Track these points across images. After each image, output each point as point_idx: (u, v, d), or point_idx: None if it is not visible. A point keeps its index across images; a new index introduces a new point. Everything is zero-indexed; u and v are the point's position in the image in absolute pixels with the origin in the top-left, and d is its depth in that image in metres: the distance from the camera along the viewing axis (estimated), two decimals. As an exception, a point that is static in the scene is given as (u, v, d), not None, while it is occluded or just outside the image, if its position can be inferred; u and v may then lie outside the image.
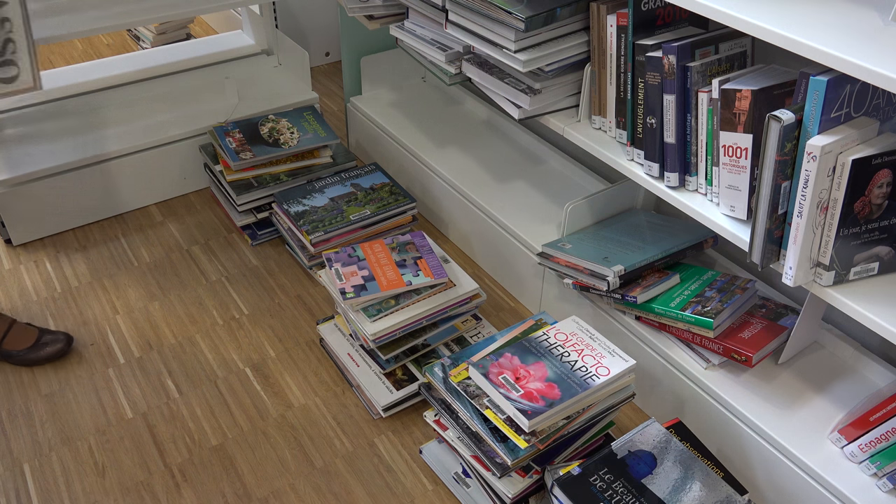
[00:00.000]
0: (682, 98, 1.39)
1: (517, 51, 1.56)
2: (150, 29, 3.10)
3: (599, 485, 1.31)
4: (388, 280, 1.69)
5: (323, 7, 3.00)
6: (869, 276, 1.27)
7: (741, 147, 1.32)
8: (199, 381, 1.77)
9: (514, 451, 1.36)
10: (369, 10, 1.97)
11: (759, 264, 1.29)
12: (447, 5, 1.71)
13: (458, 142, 2.29)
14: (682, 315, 1.53)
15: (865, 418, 1.35)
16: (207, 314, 1.95)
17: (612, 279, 1.59)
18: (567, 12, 1.56)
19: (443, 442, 1.57)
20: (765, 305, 1.62)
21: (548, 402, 1.34)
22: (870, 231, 1.23)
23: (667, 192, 1.48)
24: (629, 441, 1.39)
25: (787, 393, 1.50)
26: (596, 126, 1.65)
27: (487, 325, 1.80)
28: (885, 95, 1.23)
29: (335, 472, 1.58)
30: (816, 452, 1.39)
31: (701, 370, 1.55)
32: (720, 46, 1.40)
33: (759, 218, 1.26)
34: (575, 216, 1.81)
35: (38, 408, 1.70)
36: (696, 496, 1.30)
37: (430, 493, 1.55)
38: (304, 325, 1.93)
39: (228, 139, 2.15)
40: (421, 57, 1.88)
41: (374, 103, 2.48)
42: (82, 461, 1.59)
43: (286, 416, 1.69)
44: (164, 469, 1.58)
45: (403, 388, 1.68)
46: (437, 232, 2.26)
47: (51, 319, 1.92)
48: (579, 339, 1.47)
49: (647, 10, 1.45)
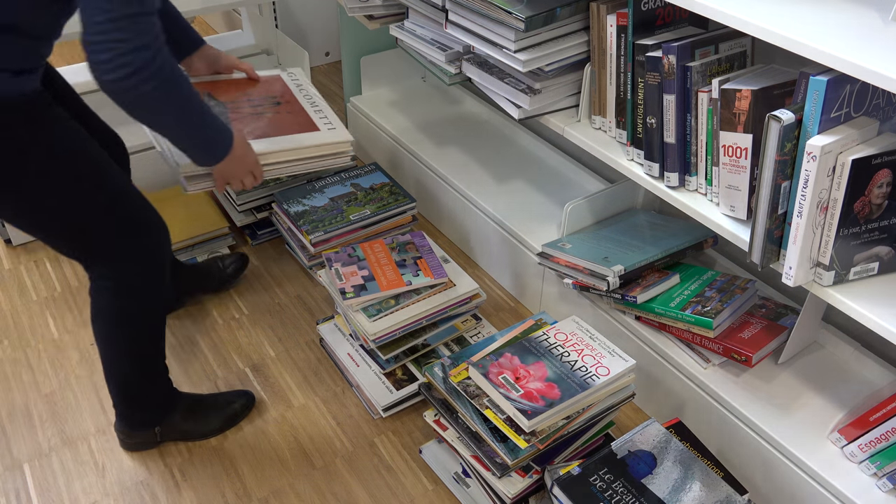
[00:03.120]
0: (682, 98, 1.39)
1: (517, 51, 1.56)
2: (150, 29, 3.09)
3: (599, 485, 1.31)
4: (388, 280, 1.69)
5: (323, 7, 3.00)
6: (869, 276, 1.27)
7: (741, 147, 1.32)
8: (199, 381, 1.77)
9: (514, 451, 1.36)
10: (369, 10, 1.97)
11: (759, 264, 1.29)
12: (447, 5, 1.71)
13: (458, 142, 2.29)
14: (682, 315, 1.53)
15: (865, 418, 1.35)
16: (207, 314, 1.95)
17: (612, 279, 1.59)
18: (567, 12, 1.56)
19: (443, 442, 1.57)
20: (765, 305, 1.62)
21: (548, 402, 1.34)
22: (870, 231, 1.23)
23: (667, 192, 1.48)
24: (629, 441, 1.39)
25: (787, 393, 1.50)
26: (596, 126, 1.65)
27: (487, 325, 1.80)
28: (885, 95, 1.23)
29: (335, 472, 1.58)
30: (816, 452, 1.39)
31: (701, 370, 1.55)
32: (720, 46, 1.40)
33: (759, 218, 1.26)
34: (575, 216, 1.81)
35: (38, 408, 1.70)
36: (696, 496, 1.30)
37: (430, 493, 1.55)
38: (304, 325, 1.93)
39: (228, 139, 2.14)
40: (421, 57, 1.88)
41: (374, 103, 2.48)
42: (82, 461, 1.59)
43: (286, 416, 1.69)
44: (164, 469, 1.58)
45: (403, 388, 1.68)
46: (437, 232, 2.26)
47: (51, 320, 1.92)
48: (579, 339, 1.47)
49: (647, 9, 1.45)
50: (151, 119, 1.27)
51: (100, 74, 1.14)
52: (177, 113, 1.26)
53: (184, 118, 1.28)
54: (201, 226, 2.09)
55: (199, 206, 2.15)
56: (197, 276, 1.95)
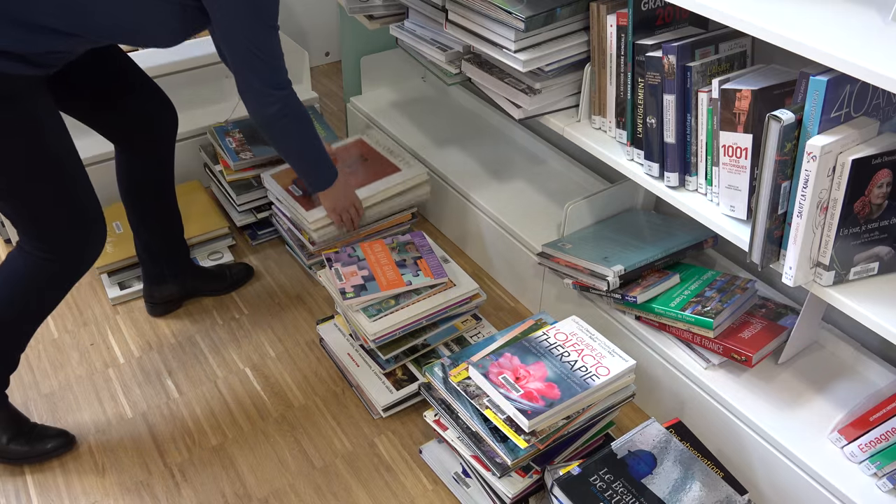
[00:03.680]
0: (682, 98, 1.39)
1: (517, 51, 1.56)
2: (150, 29, 3.10)
3: (599, 485, 1.31)
4: (388, 280, 1.69)
5: (323, 7, 3.00)
6: (869, 276, 1.27)
7: (741, 147, 1.32)
8: (199, 381, 1.77)
9: (514, 451, 1.36)
10: (369, 10, 1.97)
11: (759, 264, 1.29)
12: (447, 5, 1.71)
13: (458, 142, 2.29)
14: (682, 315, 1.53)
15: (865, 418, 1.35)
16: (207, 314, 1.95)
17: (612, 279, 1.59)
18: (567, 12, 1.56)
19: (443, 442, 1.57)
20: (765, 305, 1.62)
21: (548, 402, 1.34)
22: (870, 231, 1.23)
23: (667, 192, 1.48)
24: (629, 441, 1.39)
25: (787, 393, 1.50)
26: (596, 126, 1.65)
27: (487, 325, 1.80)
28: (885, 95, 1.23)
29: (335, 472, 1.58)
30: (816, 452, 1.39)
31: (701, 370, 1.55)
32: (720, 46, 1.40)
33: (759, 218, 1.26)
34: (575, 216, 1.81)
35: (38, 408, 1.70)
36: (696, 496, 1.30)
37: (430, 493, 1.55)
38: (304, 325, 1.92)
39: (228, 139, 2.15)
40: (421, 57, 1.88)
41: (374, 103, 2.48)
42: (82, 461, 1.59)
43: (286, 416, 1.69)
44: (164, 469, 1.58)
45: (403, 388, 1.67)
46: (437, 232, 2.26)
47: (51, 320, 1.92)
48: (579, 339, 1.47)
49: (647, 10, 1.45)
50: (289, 144, 1.67)
51: (260, 110, 1.56)
52: (305, 141, 1.67)
53: (308, 146, 1.69)
54: (202, 226, 2.09)
55: (200, 207, 2.16)
56: (207, 280, 1.96)
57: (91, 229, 1.47)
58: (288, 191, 1.98)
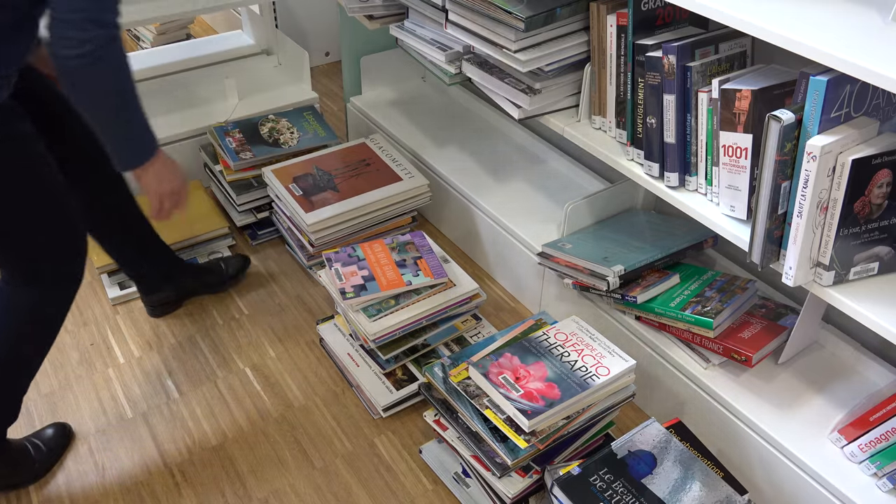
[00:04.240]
0: (682, 98, 1.39)
1: (517, 51, 1.56)
2: (149, 29, 3.10)
3: (599, 485, 1.31)
4: (388, 280, 1.69)
5: (323, 7, 3.00)
6: (869, 276, 1.27)
7: (741, 147, 1.32)
8: (199, 381, 1.77)
9: (514, 451, 1.36)
10: (369, 10, 1.97)
11: (759, 264, 1.29)
12: (447, 5, 1.71)
13: (458, 142, 2.29)
14: (682, 315, 1.53)
15: (865, 418, 1.35)
16: (207, 314, 1.95)
17: (612, 279, 1.59)
18: (567, 12, 1.56)
19: (443, 442, 1.57)
20: (765, 305, 1.62)
21: (548, 402, 1.34)
22: (870, 231, 1.23)
23: (667, 192, 1.48)
24: (629, 441, 1.39)
25: (787, 393, 1.50)
26: (596, 126, 1.65)
27: (487, 325, 1.80)
28: (885, 95, 1.23)
29: (335, 472, 1.58)
30: (816, 452, 1.39)
31: (701, 370, 1.55)
32: (720, 46, 1.40)
33: (759, 218, 1.26)
34: (575, 216, 1.81)
35: (38, 408, 1.70)
36: (696, 496, 1.30)
37: (430, 493, 1.55)
38: (304, 325, 1.93)
39: (228, 139, 2.15)
40: (421, 57, 1.88)
41: (374, 103, 2.48)
42: (82, 461, 1.59)
43: (286, 416, 1.69)
44: (164, 469, 1.58)
45: (403, 388, 1.68)
46: (438, 232, 2.26)
47: (51, 319, 1.92)
48: (579, 339, 1.47)
49: (647, 9, 1.45)
50: (98, 101, 1.29)
51: (60, 49, 1.18)
52: (124, 97, 1.30)
53: (127, 105, 1.31)
54: (201, 226, 2.09)
55: (200, 207, 2.16)
56: (199, 276, 1.95)
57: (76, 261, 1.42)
58: (288, 189, 1.98)
